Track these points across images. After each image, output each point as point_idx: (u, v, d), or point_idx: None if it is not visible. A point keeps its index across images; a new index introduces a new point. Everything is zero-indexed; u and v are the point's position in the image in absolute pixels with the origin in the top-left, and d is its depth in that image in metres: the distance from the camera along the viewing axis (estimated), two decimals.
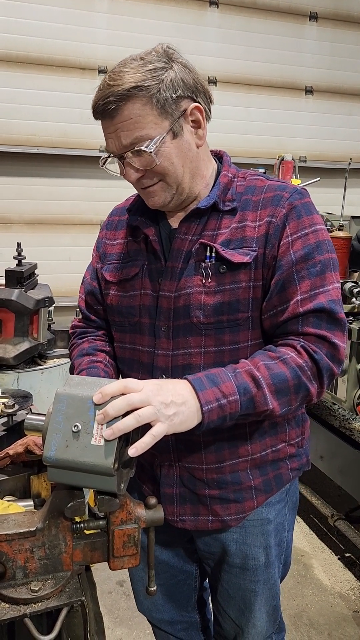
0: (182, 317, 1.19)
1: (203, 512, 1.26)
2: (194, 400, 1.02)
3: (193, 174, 1.19)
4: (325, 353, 1.12)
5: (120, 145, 1.12)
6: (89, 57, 4.90)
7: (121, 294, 1.29)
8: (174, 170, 1.14)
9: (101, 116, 1.12)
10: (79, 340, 1.41)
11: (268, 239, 1.15)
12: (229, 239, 1.17)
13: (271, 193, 1.19)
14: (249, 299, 1.16)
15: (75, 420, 0.92)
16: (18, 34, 4.66)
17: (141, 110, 1.09)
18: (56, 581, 0.95)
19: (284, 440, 1.28)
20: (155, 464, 1.27)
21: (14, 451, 1.23)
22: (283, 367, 1.08)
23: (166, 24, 4.99)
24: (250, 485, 1.25)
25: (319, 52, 5.62)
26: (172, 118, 1.11)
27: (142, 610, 1.54)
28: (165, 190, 1.17)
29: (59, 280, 4.46)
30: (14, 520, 0.96)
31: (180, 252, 1.20)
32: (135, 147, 1.10)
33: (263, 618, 1.37)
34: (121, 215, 1.38)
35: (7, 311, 2.58)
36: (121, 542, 0.97)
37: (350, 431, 2.55)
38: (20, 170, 4.89)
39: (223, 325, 1.17)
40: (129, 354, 1.30)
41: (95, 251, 1.42)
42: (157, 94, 1.08)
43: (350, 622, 2.39)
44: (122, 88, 1.07)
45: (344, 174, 4.21)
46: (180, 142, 1.14)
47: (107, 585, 2.51)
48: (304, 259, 1.14)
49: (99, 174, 5.14)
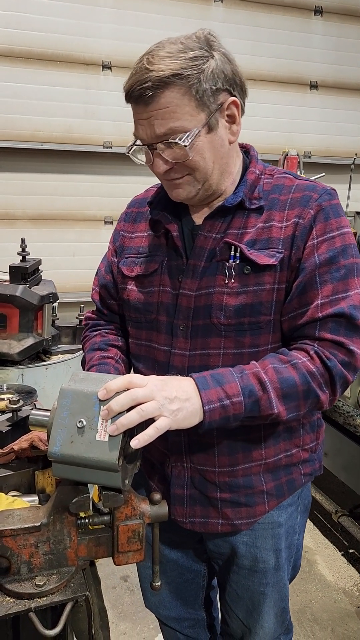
0: (202, 317, 1.16)
1: (213, 514, 1.24)
2: (197, 398, 1.01)
3: (222, 170, 1.14)
4: (340, 360, 1.08)
5: (153, 135, 1.06)
6: (93, 52, 4.89)
7: (138, 289, 1.26)
8: (204, 165, 1.10)
9: (135, 101, 1.06)
10: (91, 332, 1.40)
11: (294, 241, 1.11)
12: (254, 239, 1.13)
13: (300, 193, 1.14)
14: (272, 301, 1.13)
15: (80, 416, 0.92)
16: (21, 29, 4.65)
17: (179, 100, 1.03)
18: (61, 576, 0.95)
19: (298, 445, 1.25)
20: (167, 464, 1.25)
21: (19, 447, 1.23)
22: (292, 372, 1.06)
23: (171, 19, 4.97)
24: (262, 490, 1.22)
25: (324, 47, 5.60)
26: (208, 111, 1.06)
27: (150, 606, 1.54)
28: (192, 184, 1.13)
29: (63, 276, 4.47)
30: (18, 515, 0.96)
31: (203, 250, 1.17)
32: (169, 139, 1.05)
33: (271, 620, 1.36)
34: (140, 207, 1.34)
35: (12, 307, 2.58)
36: (126, 538, 0.97)
37: (354, 428, 2.55)
38: (24, 166, 4.89)
39: (244, 328, 1.13)
40: (144, 351, 1.27)
41: (111, 243, 1.38)
42: (196, 85, 1.03)
43: (354, 618, 2.39)
44: (161, 74, 1.01)
45: (349, 169, 4.19)
46: (214, 137, 1.09)
47: (112, 580, 2.52)
48: (328, 263, 1.10)
49: (104, 170, 5.14)
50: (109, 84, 5.00)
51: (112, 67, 4.98)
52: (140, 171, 5.29)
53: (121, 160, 5.14)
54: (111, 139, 5.07)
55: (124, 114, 4.38)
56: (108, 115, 5.01)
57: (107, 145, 5.06)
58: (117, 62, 4.98)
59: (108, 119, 5.02)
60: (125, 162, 5.21)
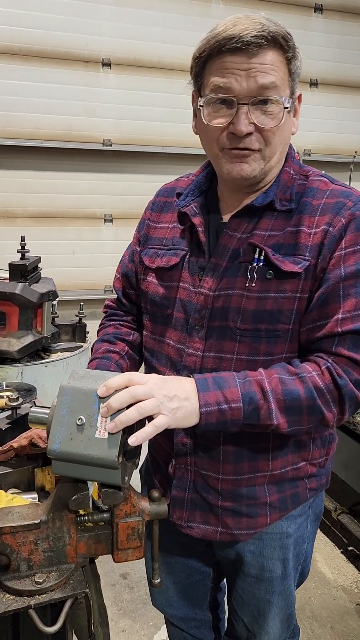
0: (219, 319, 1.12)
1: (213, 521, 1.21)
2: (196, 398, 1.00)
3: (280, 158, 1.11)
4: (354, 379, 1.04)
5: (253, 86, 1.00)
6: (93, 50, 4.88)
7: (158, 282, 1.22)
8: (278, 142, 1.07)
9: (235, 51, 0.99)
10: (107, 322, 1.39)
11: (322, 250, 1.06)
12: (280, 243, 1.08)
13: (333, 199, 1.09)
14: (292, 310, 1.08)
15: (79, 413, 0.92)
16: (21, 26, 4.64)
17: (280, 64, 1.03)
18: (60, 573, 0.95)
19: (306, 459, 1.21)
20: (171, 465, 1.23)
21: (18, 444, 1.23)
22: (298, 385, 1.02)
23: (171, 16, 4.96)
24: (266, 502, 1.19)
25: (324, 44, 5.58)
26: (291, 90, 1.07)
27: (157, 605, 1.53)
28: (258, 162, 1.07)
29: (62, 274, 4.46)
30: (18, 512, 0.96)
31: (226, 249, 1.12)
32: (270, 92, 1.01)
33: (276, 626, 1.34)
34: (169, 197, 1.30)
35: (11, 305, 2.58)
36: (125, 535, 0.97)
37: (354, 426, 2.55)
38: (24, 163, 4.88)
39: (260, 334, 1.09)
40: (158, 346, 1.24)
41: (137, 232, 1.35)
42: (293, 60, 1.05)
43: (353, 615, 2.39)
44: (275, 31, 1.00)
45: (349, 167, 4.19)
46: (290, 119, 1.08)
47: (111, 577, 2.53)
48: (353, 276, 1.05)
49: (103, 168, 5.12)
50: (109, 81, 4.99)
51: (111, 65, 4.97)
52: (141, 169, 5.30)
53: (121, 158, 5.13)
54: (111, 137, 5.06)
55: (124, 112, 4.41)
56: (108, 113, 5.01)
57: (107, 143, 5.05)
58: (116, 60, 4.96)
59: (108, 116, 5.01)
60: (126, 160, 5.21)
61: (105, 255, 4.98)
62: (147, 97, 5.01)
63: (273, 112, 1.03)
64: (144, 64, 5.03)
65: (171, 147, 4.96)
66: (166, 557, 1.39)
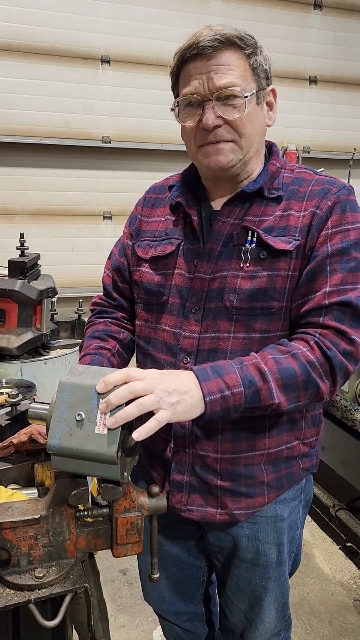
0: (215, 300, 1.17)
1: (212, 503, 1.23)
2: (197, 390, 1.02)
3: (257, 149, 1.19)
4: (342, 350, 1.08)
5: (213, 86, 1.10)
6: (92, 47, 4.87)
7: (152, 271, 1.27)
8: (251, 132, 1.14)
9: (194, 58, 1.11)
10: (97, 319, 1.40)
11: (310, 230, 1.13)
12: (272, 226, 1.15)
13: (319, 186, 1.17)
14: (285, 288, 1.14)
15: (78, 409, 0.92)
16: (20, 22, 4.63)
17: (237, 61, 1.11)
18: (60, 568, 0.95)
19: (299, 437, 1.25)
20: (169, 449, 1.25)
21: (18, 440, 1.23)
22: (292, 362, 1.06)
23: (169, 13, 4.96)
24: (263, 481, 1.22)
25: (323, 41, 5.58)
26: (258, 85, 1.14)
27: (149, 600, 1.54)
28: (235, 152, 1.15)
29: (61, 272, 4.46)
30: (18, 508, 0.97)
31: (220, 234, 1.18)
32: (229, 89, 1.10)
33: (272, 614, 1.36)
34: (159, 194, 1.36)
35: (11, 301, 2.58)
36: (124, 530, 0.98)
37: (352, 422, 2.56)
38: (23, 160, 4.88)
39: (256, 312, 1.15)
40: (154, 333, 1.27)
41: (127, 227, 1.40)
42: (253, 55, 1.12)
43: (351, 611, 2.41)
44: (228, 33, 1.09)
45: (347, 164, 4.20)
46: (260, 111, 1.16)
47: (110, 573, 2.53)
48: (339, 253, 1.11)
49: (102, 165, 5.13)
50: (108, 78, 4.99)
51: (110, 62, 4.96)
52: (139, 166, 5.30)
53: (120, 155, 5.13)
54: (110, 134, 5.06)
55: (123, 109, 4.40)
56: (107, 110, 5.00)
57: (105, 140, 5.05)
58: (115, 57, 4.96)
59: (107, 113, 5.01)
60: (124, 157, 5.21)
61: (104, 252, 4.95)
62: (146, 94, 5.00)
63: (237, 104, 1.11)
64: (143, 61, 5.03)
65: (170, 144, 4.96)
66: (158, 552, 1.40)
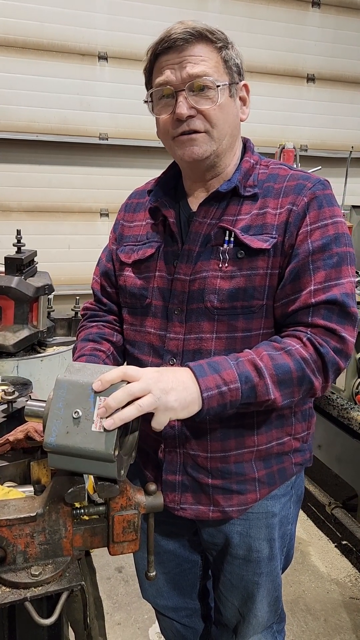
0: (196, 301, 1.18)
1: (204, 501, 1.25)
2: (194, 386, 1.02)
3: (231, 142, 1.19)
4: (333, 347, 1.10)
5: (186, 75, 1.11)
6: (89, 43, 4.85)
7: (135, 275, 1.28)
8: (224, 123, 1.15)
9: (166, 50, 1.12)
10: (89, 323, 1.41)
11: (287, 227, 1.13)
12: (249, 225, 1.16)
13: (294, 182, 1.17)
14: (265, 286, 1.15)
15: (75, 407, 0.92)
16: (17, 18, 4.61)
17: (209, 53, 1.12)
18: (56, 566, 0.95)
19: (290, 433, 1.26)
20: (160, 450, 1.26)
21: (14, 437, 1.23)
22: (287, 359, 1.07)
23: (167, 9, 4.94)
24: (254, 477, 1.23)
25: (321, 39, 5.58)
26: (230, 78, 1.15)
27: (147, 597, 1.54)
28: (208, 143, 1.15)
29: (58, 269, 4.45)
30: (14, 505, 0.96)
31: (198, 235, 1.19)
32: (202, 79, 1.11)
33: (264, 609, 1.37)
34: (140, 198, 1.37)
35: (7, 298, 2.57)
36: (121, 528, 0.98)
37: (348, 420, 2.56)
38: (19, 157, 4.86)
39: (237, 312, 1.15)
40: (139, 336, 1.29)
41: (112, 232, 1.42)
42: (225, 49, 1.14)
43: (346, 608, 2.42)
44: (200, 27, 1.11)
45: (345, 162, 4.19)
46: (233, 104, 1.17)
47: (106, 571, 2.54)
48: (321, 250, 1.12)
49: (99, 162, 5.11)
50: (105, 75, 4.97)
51: (108, 58, 4.94)
52: (136, 163, 5.28)
53: (117, 152, 5.12)
54: (107, 131, 5.04)
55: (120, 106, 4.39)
56: (104, 107, 4.98)
57: (102, 137, 5.03)
58: (113, 53, 4.94)
59: (104, 110, 4.99)
60: (121, 154, 5.19)
61: (101, 250, 4.98)
62: (144, 91, 4.99)
63: (209, 95, 1.12)
64: (141, 57, 5.00)
65: None
66: (155, 548, 1.40)
